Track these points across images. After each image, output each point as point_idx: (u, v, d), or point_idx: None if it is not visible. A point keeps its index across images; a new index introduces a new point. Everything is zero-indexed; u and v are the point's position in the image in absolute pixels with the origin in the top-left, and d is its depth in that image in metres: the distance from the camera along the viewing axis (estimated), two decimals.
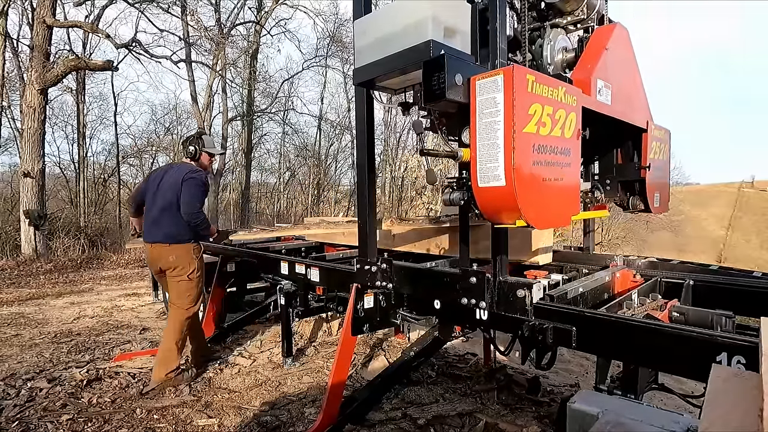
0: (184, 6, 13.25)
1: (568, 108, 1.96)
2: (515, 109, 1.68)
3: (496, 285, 2.16)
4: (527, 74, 1.74)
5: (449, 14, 2.10)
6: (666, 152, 3.03)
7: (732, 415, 0.95)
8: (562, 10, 2.58)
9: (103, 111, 20.59)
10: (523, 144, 1.72)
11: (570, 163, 2.01)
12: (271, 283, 4.40)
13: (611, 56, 2.44)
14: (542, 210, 1.85)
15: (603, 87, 2.37)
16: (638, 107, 2.73)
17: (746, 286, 2.45)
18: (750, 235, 47.57)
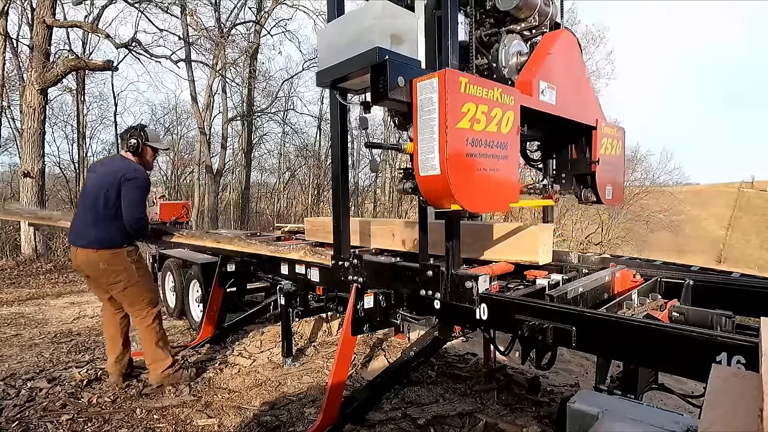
0: (184, 6, 13.25)
1: (504, 107, 2.18)
2: (448, 108, 1.91)
3: (448, 277, 2.40)
4: (460, 77, 1.95)
5: (396, 24, 2.41)
6: (619, 149, 3.27)
7: (732, 415, 0.95)
8: (516, 17, 2.78)
9: (103, 111, 20.59)
10: (456, 138, 1.95)
11: (507, 156, 2.22)
12: (271, 283, 4.40)
13: (556, 60, 2.66)
14: (476, 196, 2.07)
15: (546, 88, 2.59)
16: (587, 107, 2.95)
17: (746, 286, 2.45)
18: (750, 235, 47.55)
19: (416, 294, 2.57)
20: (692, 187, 55.91)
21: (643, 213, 25.34)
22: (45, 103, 10.77)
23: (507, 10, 2.68)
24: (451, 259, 2.40)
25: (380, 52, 2.22)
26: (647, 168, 26.72)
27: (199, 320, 4.74)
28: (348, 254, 3.02)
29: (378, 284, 2.85)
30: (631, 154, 25.57)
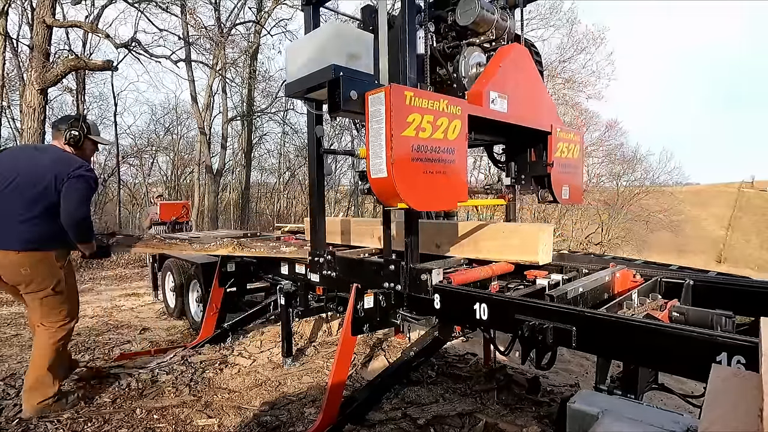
0: (184, 5, 13.25)
1: (451, 116, 2.41)
2: (393, 118, 2.15)
3: (407, 271, 2.64)
4: (405, 91, 2.19)
5: (353, 43, 2.76)
6: (577, 152, 3.53)
7: (732, 415, 0.95)
8: (476, 31, 3.00)
9: (103, 111, 20.56)
10: (401, 145, 2.18)
11: (454, 160, 2.45)
12: (271, 283, 4.40)
13: (507, 72, 2.89)
14: (422, 196, 2.31)
15: (497, 97, 2.82)
16: (541, 114, 3.20)
17: (746, 286, 2.46)
18: (750, 235, 47.54)
19: (381, 286, 2.80)
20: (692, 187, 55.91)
21: (643, 213, 25.35)
22: (45, 103, 10.76)
23: (466, 25, 2.91)
24: (410, 254, 2.65)
25: (335, 69, 2.55)
26: (647, 168, 26.73)
27: (199, 320, 4.74)
28: (323, 251, 3.26)
29: (349, 278, 3.05)
30: (631, 154, 25.59)
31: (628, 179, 25.35)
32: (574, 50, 18.29)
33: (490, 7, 3.00)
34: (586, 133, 21.63)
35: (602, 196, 24.12)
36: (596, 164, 23.47)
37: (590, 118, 21.40)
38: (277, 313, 4.20)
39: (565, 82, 18.12)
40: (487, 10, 2.96)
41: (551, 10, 18.11)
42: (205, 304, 4.40)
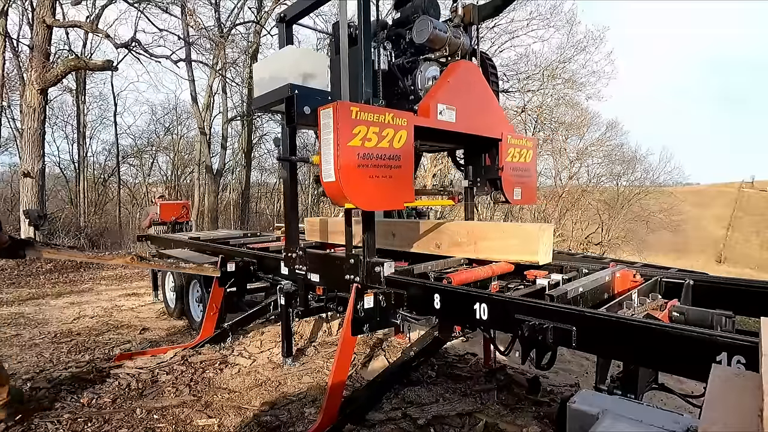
0: (184, 6, 13.25)
1: (397, 127, 2.71)
2: (339, 131, 2.45)
3: (365, 264, 2.89)
4: (351, 107, 2.49)
5: (309, 63, 3.16)
6: (529, 157, 3.84)
7: (732, 415, 0.95)
8: (432, 48, 3.34)
9: (103, 111, 20.62)
10: (348, 153, 2.48)
11: (401, 165, 2.75)
12: (271, 283, 4.40)
13: (455, 86, 3.19)
14: (368, 197, 2.61)
15: (445, 109, 3.11)
16: (492, 123, 3.51)
17: (746, 286, 2.45)
18: (750, 235, 47.55)
19: (342, 277, 3.09)
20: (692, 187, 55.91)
21: (643, 213, 25.36)
22: (45, 103, 10.77)
23: (422, 43, 3.26)
24: (366, 249, 2.91)
25: (292, 87, 2.93)
26: (647, 168, 26.73)
27: (199, 320, 4.73)
28: (296, 248, 3.59)
29: (318, 271, 3.42)
30: (631, 154, 25.59)
31: (628, 179, 25.37)
32: (574, 50, 18.30)
33: (443, 26, 3.34)
34: (586, 134, 21.65)
35: (602, 196, 24.13)
36: (596, 164, 23.50)
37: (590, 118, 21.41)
38: (277, 313, 4.20)
39: (565, 82, 18.12)
40: (440, 29, 3.28)
41: (552, 11, 18.12)
42: (205, 304, 4.40)
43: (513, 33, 17.95)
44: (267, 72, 3.31)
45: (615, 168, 24.48)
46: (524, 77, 18.26)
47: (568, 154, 21.64)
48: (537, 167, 4.03)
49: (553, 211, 21.37)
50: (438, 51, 3.38)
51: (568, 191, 22.23)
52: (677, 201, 29.88)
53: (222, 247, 5.14)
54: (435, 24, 3.24)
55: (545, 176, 23.80)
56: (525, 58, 18.51)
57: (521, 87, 18.38)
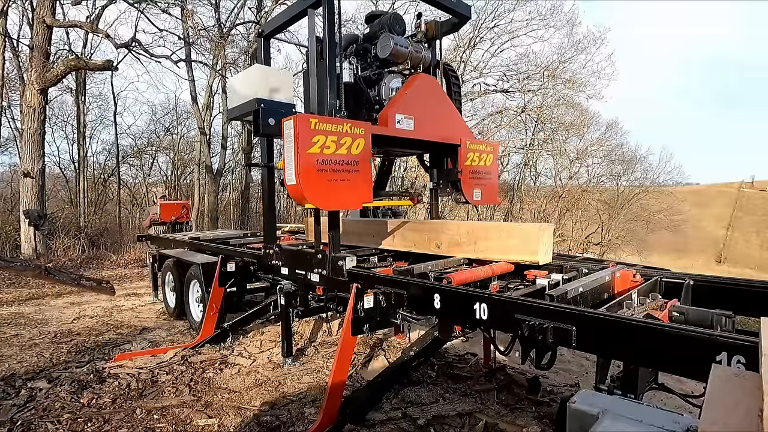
0: (183, 6, 13.24)
1: (355, 136, 3.04)
2: (299, 140, 2.79)
3: (330, 258, 3.21)
4: (311, 119, 2.84)
5: (274, 79, 3.63)
6: (490, 161, 4.15)
7: (732, 415, 0.95)
8: (394, 62, 3.67)
9: (103, 111, 20.64)
10: (307, 160, 2.82)
11: (358, 170, 3.08)
12: (271, 283, 4.40)
13: (412, 97, 3.54)
14: (327, 198, 2.95)
15: (403, 118, 3.44)
16: (451, 130, 3.83)
17: (746, 286, 2.45)
18: (750, 235, 47.54)
19: (312, 272, 3.44)
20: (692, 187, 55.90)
21: (643, 213, 25.35)
22: (45, 103, 10.77)
23: (385, 57, 3.62)
24: (332, 245, 3.26)
25: (258, 102, 3.36)
26: (647, 168, 26.72)
27: (199, 320, 4.73)
28: (272, 244, 3.93)
29: (290, 265, 3.77)
30: (631, 154, 25.58)
31: (628, 179, 25.36)
32: (574, 50, 18.29)
33: (405, 42, 3.69)
34: (586, 134, 21.64)
35: (602, 196, 24.12)
36: (596, 164, 23.49)
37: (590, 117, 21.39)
38: (277, 313, 4.20)
39: (566, 83, 18.11)
40: (401, 45, 3.64)
41: (552, 11, 18.12)
42: (205, 304, 4.40)
43: (513, 33, 17.96)
44: (238, 86, 3.75)
45: (615, 168, 24.49)
46: (524, 77, 18.26)
47: (568, 154, 21.64)
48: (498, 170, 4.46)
49: (553, 211, 21.36)
50: (401, 64, 3.71)
51: (568, 191, 22.22)
52: (677, 201, 29.86)
53: (222, 247, 5.15)
54: (396, 40, 3.59)
55: (545, 176, 23.83)
56: (525, 58, 18.53)
57: (521, 87, 18.37)
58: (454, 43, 18.46)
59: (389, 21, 3.75)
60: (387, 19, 3.77)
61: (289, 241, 5.02)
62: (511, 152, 21.79)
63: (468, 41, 18.01)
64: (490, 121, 19.66)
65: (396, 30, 3.76)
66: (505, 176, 23.82)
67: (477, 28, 17.76)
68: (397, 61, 3.68)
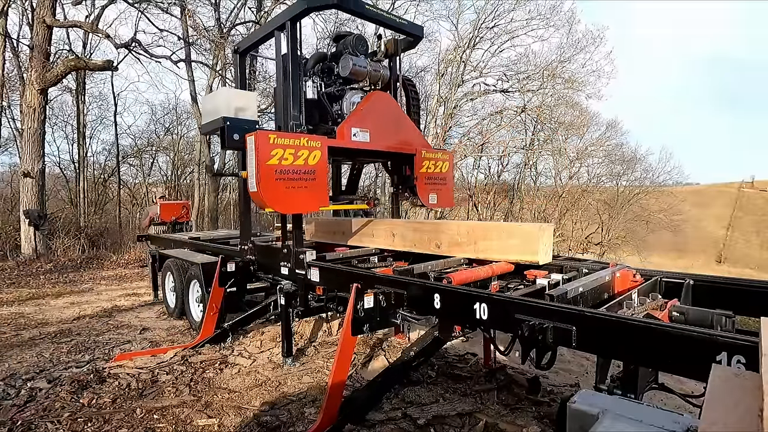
0: (183, 6, 13.24)
1: (311, 148, 3.46)
2: (259, 153, 3.21)
3: (293, 253, 3.67)
4: (269, 135, 3.26)
5: (240, 100, 4.06)
6: (445, 167, 4.60)
7: (732, 415, 0.95)
8: (355, 80, 4.12)
9: (103, 111, 20.63)
10: (267, 170, 3.23)
11: (315, 178, 3.49)
12: (271, 283, 4.40)
13: (368, 113, 3.96)
14: (285, 203, 3.38)
15: (359, 132, 3.87)
16: (407, 141, 4.29)
17: (746, 286, 2.45)
18: (750, 235, 47.53)
19: (279, 264, 3.88)
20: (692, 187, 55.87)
21: (643, 213, 25.34)
22: (45, 103, 10.77)
23: (346, 76, 4.04)
24: (295, 242, 3.69)
25: (224, 119, 3.80)
26: (647, 168, 26.68)
27: (199, 320, 4.73)
28: (247, 240, 4.36)
29: (262, 259, 4.21)
30: (630, 154, 25.55)
31: (628, 179, 25.35)
32: (573, 50, 18.28)
33: (363, 62, 4.11)
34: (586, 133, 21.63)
35: (602, 196, 24.12)
36: (596, 164, 23.48)
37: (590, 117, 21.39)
38: (277, 313, 4.20)
39: (565, 82, 18.10)
40: (360, 65, 4.05)
41: (551, 10, 18.11)
42: (205, 304, 4.40)
43: (513, 33, 17.94)
44: (208, 105, 4.24)
45: (615, 168, 24.47)
46: (524, 77, 18.25)
47: (568, 154, 21.63)
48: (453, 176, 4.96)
49: (553, 211, 21.35)
50: (361, 82, 4.17)
51: (568, 191, 22.21)
52: (677, 201, 29.84)
53: (222, 247, 5.16)
54: (355, 61, 4.02)
55: (545, 176, 23.82)
56: (525, 57, 18.52)
57: (521, 87, 18.36)
58: (454, 43, 18.47)
59: (352, 42, 4.16)
60: (350, 41, 4.18)
61: None
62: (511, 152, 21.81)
63: (468, 41, 18.01)
64: (490, 121, 19.67)
65: (359, 50, 4.17)
66: (505, 176, 23.85)
67: (477, 28, 17.76)
68: (358, 79, 4.14)
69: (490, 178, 23.62)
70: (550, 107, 18.59)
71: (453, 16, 19.41)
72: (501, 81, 18.49)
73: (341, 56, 4.10)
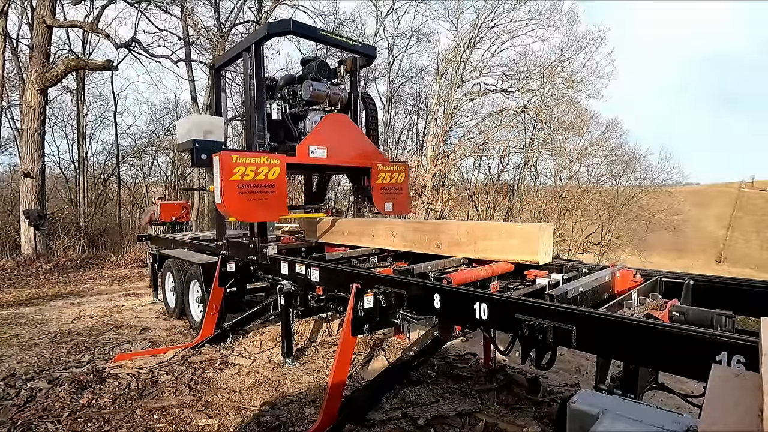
0: (183, 6, 13.24)
1: (271, 165, 3.93)
2: (223, 171, 3.69)
3: (258, 248, 4.16)
4: (232, 155, 3.73)
5: (207, 125, 4.58)
6: (401, 178, 5.12)
7: (732, 415, 0.95)
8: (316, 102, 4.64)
9: (103, 111, 20.59)
10: (230, 185, 3.72)
11: (274, 191, 3.97)
12: (271, 283, 4.40)
13: (324, 132, 4.45)
14: (246, 214, 3.85)
15: (317, 149, 4.37)
16: (363, 156, 4.81)
17: (746, 286, 2.45)
18: (750, 235, 47.53)
19: (247, 257, 4.34)
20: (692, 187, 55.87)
21: (643, 213, 25.33)
22: (45, 103, 10.77)
23: (308, 99, 4.57)
24: (259, 237, 4.20)
25: (194, 141, 4.40)
26: (647, 168, 26.66)
27: (199, 320, 4.73)
28: (222, 237, 4.85)
29: (233, 254, 4.58)
30: (630, 154, 25.55)
31: (628, 179, 25.34)
32: (573, 50, 18.26)
33: (323, 86, 4.64)
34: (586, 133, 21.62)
35: (602, 196, 24.11)
36: (596, 164, 23.47)
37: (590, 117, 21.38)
38: (277, 313, 4.20)
39: (565, 82, 18.09)
40: (319, 89, 4.59)
41: (551, 10, 18.10)
42: (205, 304, 4.40)
43: (513, 32, 17.94)
44: (181, 129, 4.82)
45: (615, 168, 24.46)
46: (524, 77, 18.25)
47: (568, 154, 21.62)
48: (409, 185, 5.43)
49: (553, 211, 21.35)
50: (322, 103, 4.65)
51: (568, 191, 22.21)
52: (677, 201, 29.83)
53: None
54: (315, 86, 4.56)
55: (545, 176, 23.82)
56: (525, 57, 18.51)
57: (521, 87, 18.36)
58: (454, 42, 18.47)
59: (315, 67, 4.69)
60: (313, 66, 4.70)
61: (288, 242, 5.03)
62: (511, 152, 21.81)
63: (468, 41, 18.01)
64: (490, 121, 19.67)
65: (321, 74, 4.70)
66: (505, 176, 23.84)
67: (477, 28, 17.76)
68: (318, 101, 4.63)
69: (490, 178, 23.62)
70: (550, 107, 18.58)
71: (453, 16, 19.45)
72: (501, 81, 18.50)
73: (306, 78, 4.63)
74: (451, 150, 19.13)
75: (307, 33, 4.81)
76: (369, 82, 22.82)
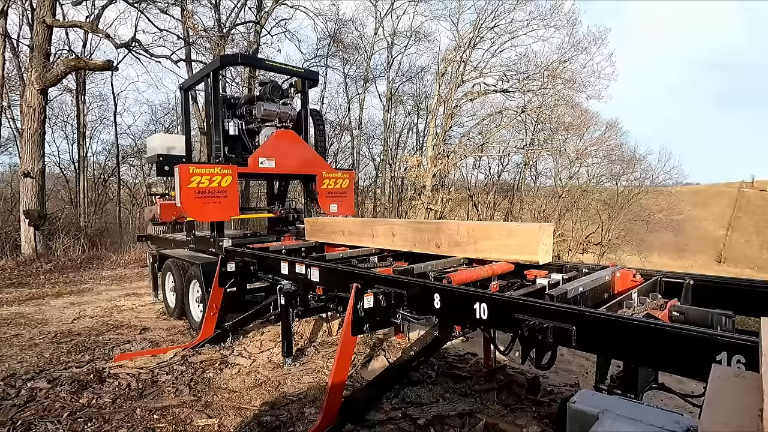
0: (183, 6, 13.23)
1: (223, 174, 4.84)
2: (182, 180, 4.56)
3: (216, 242, 4.94)
4: (189, 167, 4.62)
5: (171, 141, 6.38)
6: (345, 184, 6.10)
7: (732, 415, 0.95)
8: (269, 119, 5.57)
9: (103, 111, 20.59)
10: (188, 191, 4.60)
11: (227, 196, 4.89)
12: (271, 283, 4.39)
13: (272, 145, 5.37)
14: (202, 214, 4.79)
15: (266, 160, 5.26)
16: (310, 165, 5.78)
17: (746, 286, 2.45)
18: (750, 235, 47.52)
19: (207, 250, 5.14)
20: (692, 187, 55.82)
21: (643, 213, 25.32)
22: (45, 103, 10.77)
23: (261, 117, 5.52)
24: (216, 232, 5.04)
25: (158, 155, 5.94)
26: (646, 168, 26.62)
27: (199, 320, 4.73)
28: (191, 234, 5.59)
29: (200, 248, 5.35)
30: (630, 154, 25.51)
31: (628, 179, 25.31)
32: (574, 50, 18.24)
33: (274, 105, 5.58)
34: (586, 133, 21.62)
35: (602, 196, 24.11)
36: (596, 164, 23.46)
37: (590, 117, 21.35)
38: (277, 313, 4.19)
39: (566, 83, 18.07)
40: (270, 109, 5.53)
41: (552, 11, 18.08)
42: (205, 304, 4.40)
43: (513, 33, 17.93)
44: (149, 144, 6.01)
45: (615, 168, 24.43)
46: (524, 77, 18.24)
47: (568, 154, 21.62)
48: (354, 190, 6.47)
49: (553, 211, 21.36)
50: (273, 120, 5.57)
51: (568, 191, 22.22)
52: (677, 201, 29.81)
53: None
54: (266, 106, 5.50)
55: (545, 176, 23.83)
56: (525, 58, 18.49)
57: (521, 87, 18.35)
58: (454, 42, 18.48)
59: (269, 89, 5.60)
60: (268, 88, 5.61)
61: (288, 242, 5.03)
62: (511, 152, 21.82)
63: (468, 41, 18.01)
64: (490, 121, 19.67)
65: (274, 95, 5.63)
66: (505, 176, 23.84)
67: (477, 28, 17.76)
68: (270, 119, 5.55)
69: (490, 178, 23.63)
70: (550, 107, 18.57)
71: (453, 16, 19.45)
72: (501, 81, 18.48)
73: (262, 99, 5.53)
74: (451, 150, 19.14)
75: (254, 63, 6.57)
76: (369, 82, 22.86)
